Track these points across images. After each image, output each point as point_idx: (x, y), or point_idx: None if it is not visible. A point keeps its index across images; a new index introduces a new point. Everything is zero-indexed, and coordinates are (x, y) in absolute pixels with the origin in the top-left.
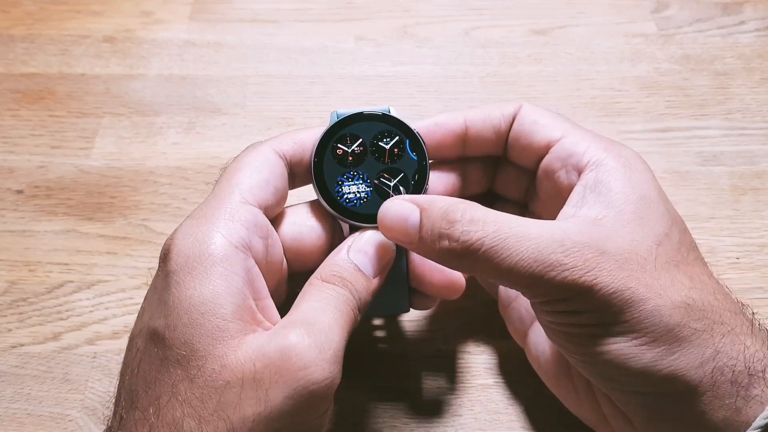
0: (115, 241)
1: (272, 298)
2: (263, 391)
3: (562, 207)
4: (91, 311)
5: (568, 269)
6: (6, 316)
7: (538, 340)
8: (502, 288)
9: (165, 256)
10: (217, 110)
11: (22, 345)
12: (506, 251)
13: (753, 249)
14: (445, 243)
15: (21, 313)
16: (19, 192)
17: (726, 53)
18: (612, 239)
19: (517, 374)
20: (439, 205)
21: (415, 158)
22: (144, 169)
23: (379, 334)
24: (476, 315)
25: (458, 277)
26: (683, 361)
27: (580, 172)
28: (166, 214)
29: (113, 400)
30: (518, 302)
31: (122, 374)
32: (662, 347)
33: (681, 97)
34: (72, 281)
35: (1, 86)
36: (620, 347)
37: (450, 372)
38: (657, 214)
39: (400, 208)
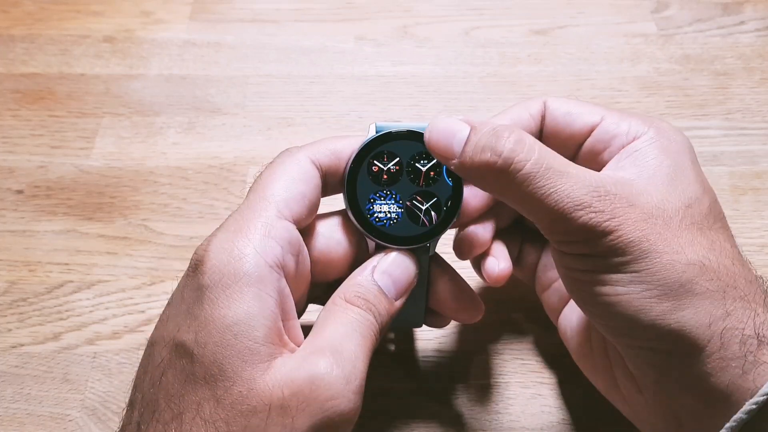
0: (115, 241)
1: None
2: (289, 418)
3: None
4: (91, 311)
5: (595, 212)
6: (6, 316)
7: (570, 317)
8: (540, 270)
9: (197, 267)
10: (217, 110)
11: (22, 345)
12: (544, 180)
13: (753, 249)
14: (487, 155)
15: (21, 313)
16: (19, 192)
17: (726, 53)
18: (642, 195)
19: (517, 374)
20: (489, 124)
21: (451, 184)
22: (144, 169)
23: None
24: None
25: (478, 303)
26: (693, 318)
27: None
28: (166, 214)
29: (126, 402)
30: (557, 286)
31: (139, 379)
32: (672, 301)
33: (681, 97)
34: (72, 281)
35: (1, 86)
36: (631, 297)
37: (450, 372)
38: (689, 180)
39: (451, 122)
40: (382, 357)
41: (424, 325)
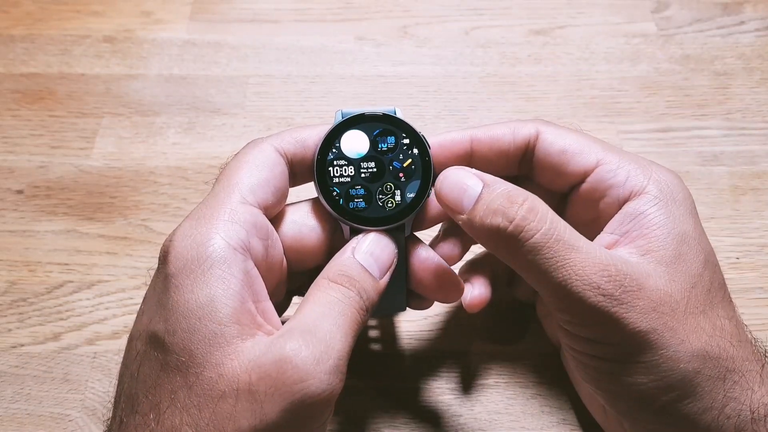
0: (115, 241)
1: (271, 298)
2: (258, 404)
3: (592, 231)
4: (91, 311)
5: (603, 295)
6: (6, 316)
7: None
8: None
9: (164, 258)
10: (217, 110)
11: (22, 345)
12: (552, 253)
13: (753, 249)
14: (498, 220)
15: (21, 313)
16: (19, 192)
17: (726, 53)
18: (652, 276)
19: (517, 374)
20: (503, 185)
21: (420, 161)
22: (144, 169)
23: (379, 334)
24: (476, 315)
25: (457, 282)
26: (697, 406)
27: (621, 203)
28: (166, 214)
29: (112, 402)
30: None
31: (121, 376)
32: (677, 392)
33: (681, 97)
34: (72, 281)
35: (1, 86)
36: (638, 388)
37: (450, 372)
38: (694, 253)
39: (462, 175)
40: (380, 357)
41: (413, 311)
